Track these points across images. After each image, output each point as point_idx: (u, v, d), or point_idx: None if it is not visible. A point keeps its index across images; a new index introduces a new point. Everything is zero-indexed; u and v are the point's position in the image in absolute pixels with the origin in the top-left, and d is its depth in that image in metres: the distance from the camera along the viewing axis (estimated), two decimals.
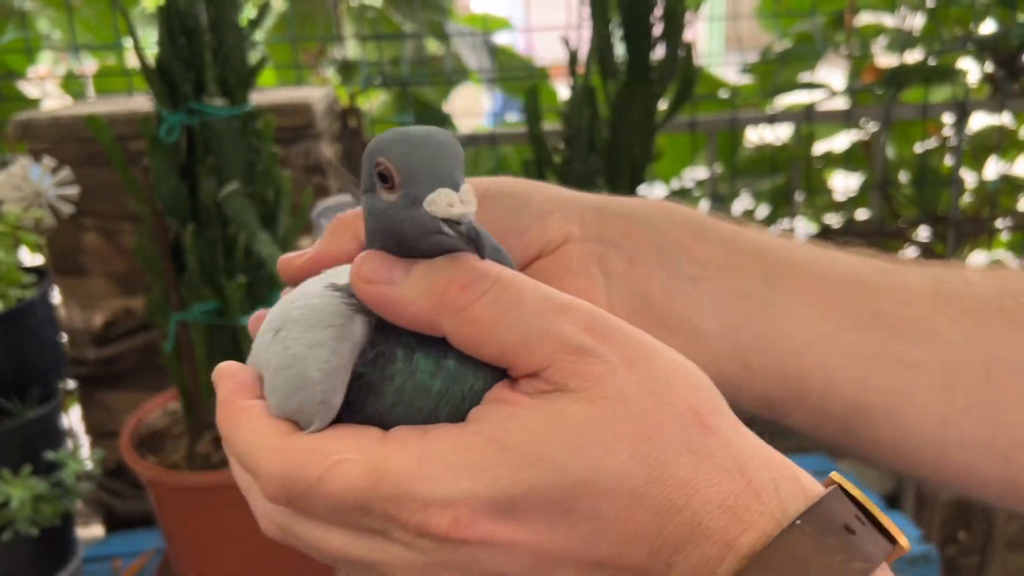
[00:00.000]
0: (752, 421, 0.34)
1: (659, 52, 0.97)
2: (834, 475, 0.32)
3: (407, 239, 0.31)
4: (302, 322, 0.32)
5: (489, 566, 0.30)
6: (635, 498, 0.29)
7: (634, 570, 0.30)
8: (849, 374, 0.40)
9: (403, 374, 0.31)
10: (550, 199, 0.42)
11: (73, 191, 1.04)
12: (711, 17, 1.36)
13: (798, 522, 0.29)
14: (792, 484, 0.30)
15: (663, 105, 1.00)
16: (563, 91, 1.04)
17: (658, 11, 0.95)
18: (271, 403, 0.33)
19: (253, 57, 0.91)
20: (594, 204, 0.42)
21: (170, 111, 0.88)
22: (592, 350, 0.29)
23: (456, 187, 0.30)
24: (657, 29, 0.96)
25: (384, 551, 0.30)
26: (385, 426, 0.31)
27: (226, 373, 0.35)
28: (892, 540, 0.30)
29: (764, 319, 0.40)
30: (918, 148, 1.50)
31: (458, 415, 0.31)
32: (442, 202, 0.29)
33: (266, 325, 0.35)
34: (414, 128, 0.32)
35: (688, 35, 1.31)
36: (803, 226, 1.52)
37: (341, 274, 0.34)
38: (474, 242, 0.29)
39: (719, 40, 2.45)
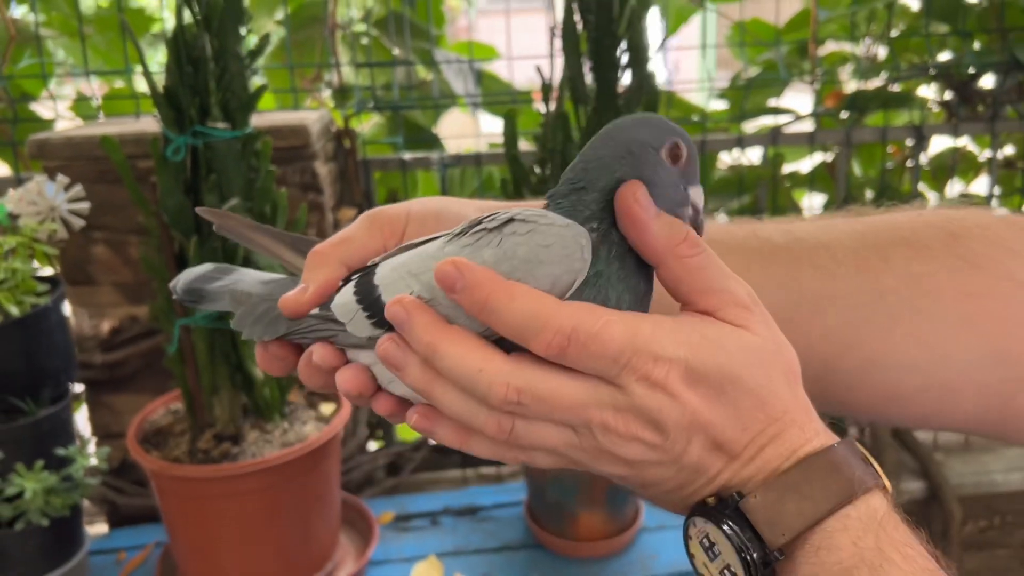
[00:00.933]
0: None
1: (625, 80, 1.06)
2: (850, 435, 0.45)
3: (668, 199, 0.43)
4: (538, 229, 0.43)
5: (663, 415, 0.41)
6: (762, 401, 0.42)
7: (733, 455, 0.42)
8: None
9: (623, 272, 0.43)
10: (477, 212, 0.50)
11: (84, 206, 1.11)
12: (701, 44, 1.44)
13: (837, 445, 0.42)
14: (828, 429, 0.44)
15: None
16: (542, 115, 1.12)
17: (623, 44, 1.03)
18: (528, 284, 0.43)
19: (253, 84, 0.99)
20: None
21: (176, 133, 0.96)
22: (749, 307, 0.42)
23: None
24: (623, 60, 1.05)
25: (600, 394, 0.41)
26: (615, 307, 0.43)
27: (466, 266, 0.42)
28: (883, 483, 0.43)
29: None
30: (880, 169, 1.58)
31: (645, 307, 0.44)
32: (699, 194, 0.44)
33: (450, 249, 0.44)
34: (673, 123, 0.45)
35: (675, 60, 1.39)
36: None
37: None
38: (697, 226, 0.44)
39: (712, 63, 2.54)
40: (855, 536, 0.40)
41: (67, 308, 1.21)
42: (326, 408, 1.12)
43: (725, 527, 0.42)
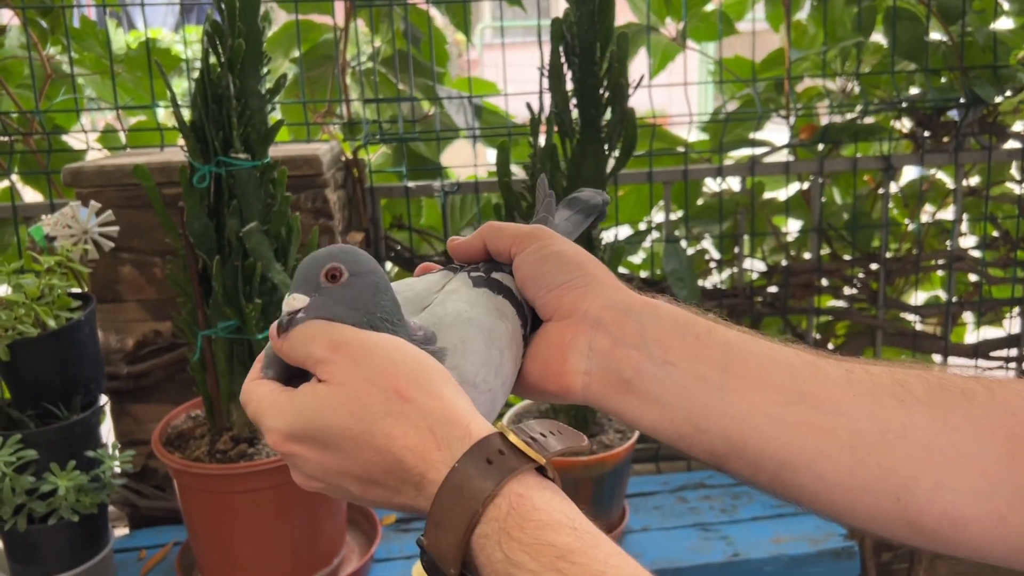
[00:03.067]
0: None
1: (607, 116, 1.17)
2: (499, 424, 0.48)
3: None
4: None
5: (302, 468, 0.51)
6: (356, 442, 0.48)
7: (382, 484, 0.48)
8: (778, 438, 0.54)
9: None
10: (586, 276, 0.58)
11: (114, 230, 1.22)
12: (687, 79, 1.55)
13: (457, 465, 0.45)
14: (462, 438, 0.46)
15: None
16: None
17: (605, 83, 1.14)
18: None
19: (271, 119, 1.10)
20: (610, 294, 0.57)
21: (202, 162, 1.07)
22: (327, 359, 0.49)
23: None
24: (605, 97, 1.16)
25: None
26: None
27: (259, 358, 0.57)
28: (532, 460, 0.46)
29: (715, 396, 0.55)
30: (853, 197, 1.68)
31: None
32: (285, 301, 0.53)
33: None
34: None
35: (652, 98, 1.49)
36: (751, 264, 1.70)
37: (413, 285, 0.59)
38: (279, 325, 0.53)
39: (709, 97, 2.64)
40: (489, 554, 0.43)
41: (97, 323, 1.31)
42: None
43: (424, 562, 0.46)
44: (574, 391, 0.56)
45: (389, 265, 1.67)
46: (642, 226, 1.73)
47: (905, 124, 1.66)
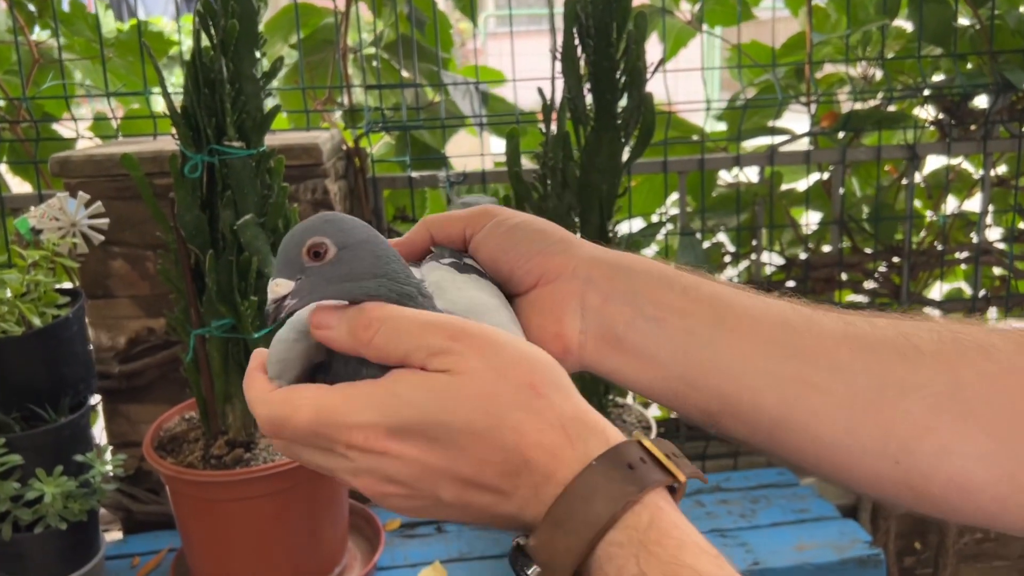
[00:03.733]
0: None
1: (624, 102, 1.10)
2: (636, 433, 0.45)
3: None
4: (287, 326, 0.49)
5: (391, 471, 0.44)
6: (480, 437, 0.43)
7: (491, 488, 0.43)
8: (772, 394, 0.51)
9: (342, 361, 0.47)
10: (562, 241, 0.55)
11: (104, 222, 1.16)
12: (703, 65, 1.49)
13: (593, 463, 0.42)
14: (598, 437, 0.43)
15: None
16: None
17: (621, 67, 1.08)
18: (268, 371, 0.49)
19: (267, 105, 1.04)
20: (592, 252, 0.55)
21: (194, 151, 1.01)
22: (448, 348, 0.44)
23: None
24: (621, 82, 1.09)
25: (334, 462, 0.45)
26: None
27: (256, 355, 0.50)
28: (673, 476, 0.43)
29: (707, 352, 0.52)
30: (876, 187, 1.62)
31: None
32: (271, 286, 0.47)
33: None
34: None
35: (667, 84, 1.43)
36: (769, 258, 1.64)
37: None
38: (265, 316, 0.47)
39: (716, 84, 2.59)
40: (619, 565, 0.40)
41: (87, 320, 1.26)
42: None
43: (521, 571, 0.42)
44: (572, 352, 0.53)
45: None
46: (655, 218, 1.67)
47: (930, 111, 1.59)
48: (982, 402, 0.48)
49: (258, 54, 1.02)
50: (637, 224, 1.63)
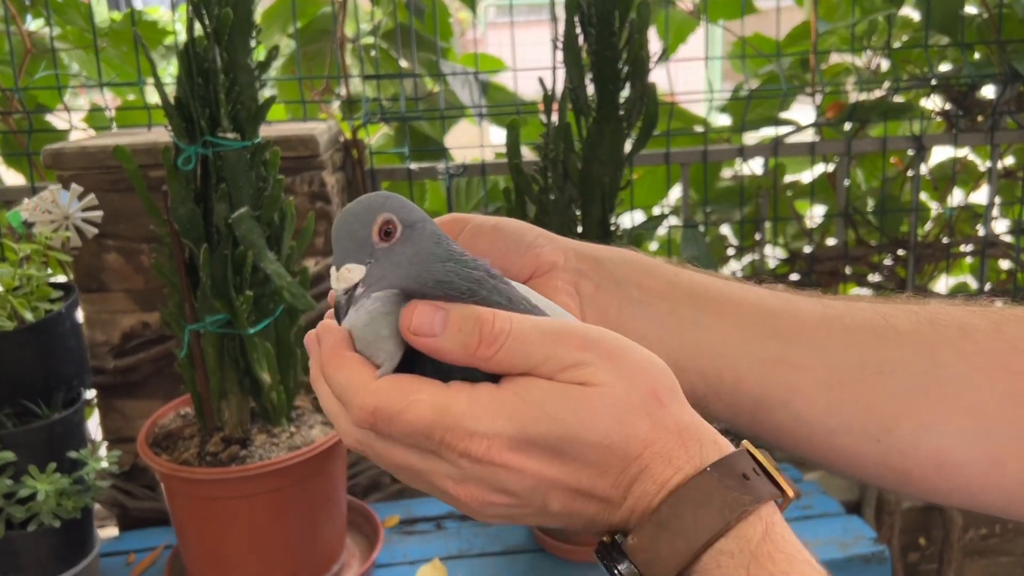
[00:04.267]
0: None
1: (626, 92, 1.08)
2: (744, 443, 0.44)
3: None
4: (373, 299, 0.44)
5: (504, 483, 0.42)
6: (610, 449, 0.42)
7: (601, 498, 0.43)
8: (752, 374, 0.51)
9: None
10: (542, 235, 0.55)
11: (97, 215, 1.14)
12: (705, 57, 1.47)
13: (708, 469, 0.41)
14: (712, 446, 0.43)
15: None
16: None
17: (624, 56, 1.05)
18: (358, 349, 0.44)
19: (262, 96, 1.01)
20: (573, 245, 0.55)
21: (187, 143, 0.98)
22: (582, 360, 0.42)
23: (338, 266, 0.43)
24: (624, 71, 1.07)
25: (434, 465, 0.43)
26: (443, 379, 0.43)
27: (328, 329, 0.46)
28: (782, 490, 0.42)
29: (690, 333, 0.52)
30: (881, 179, 1.60)
31: (489, 378, 0.43)
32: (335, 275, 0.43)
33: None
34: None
35: (670, 74, 1.41)
36: (772, 251, 1.62)
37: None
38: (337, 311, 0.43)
39: (718, 75, 2.57)
40: (728, 574, 0.40)
41: (80, 314, 1.24)
42: None
43: (615, 570, 0.41)
44: None
45: None
46: (657, 210, 1.64)
47: (937, 102, 1.57)
48: (960, 381, 0.49)
49: (253, 43, 1.00)
50: (639, 217, 1.61)
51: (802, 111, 1.66)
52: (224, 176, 0.98)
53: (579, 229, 1.12)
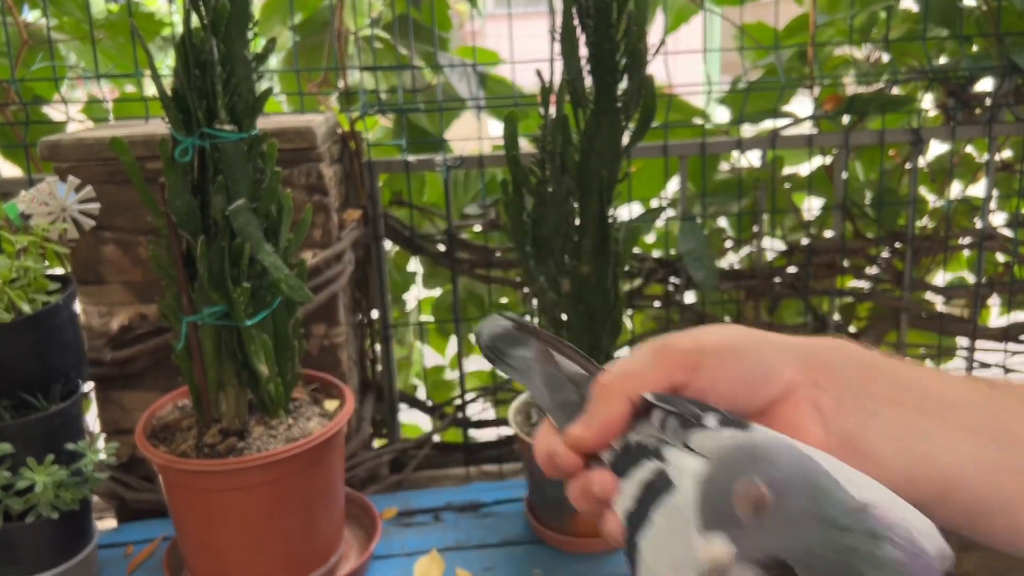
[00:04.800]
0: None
1: (624, 84, 1.08)
2: None
3: None
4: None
5: None
6: None
7: None
8: (976, 480, 0.49)
9: None
10: (775, 351, 0.50)
11: (95, 207, 1.14)
12: (704, 48, 1.46)
13: None
14: None
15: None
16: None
17: (622, 48, 1.05)
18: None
19: (259, 88, 1.01)
20: (801, 351, 0.51)
21: (184, 135, 0.98)
22: None
23: None
24: (622, 63, 1.07)
25: None
26: None
27: None
28: None
29: (920, 443, 0.50)
30: (879, 172, 1.60)
31: None
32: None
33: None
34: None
35: (668, 66, 1.41)
36: (770, 244, 1.62)
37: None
38: None
39: (717, 66, 2.56)
40: None
41: (78, 307, 1.24)
42: (330, 405, 1.14)
43: None
44: None
45: (388, 245, 1.59)
46: (655, 203, 1.64)
47: (935, 95, 1.57)
48: None
49: (250, 35, 0.99)
50: (637, 209, 1.61)
51: (800, 103, 1.66)
52: (221, 168, 0.98)
53: (576, 222, 1.12)
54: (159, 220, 1.02)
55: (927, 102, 1.56)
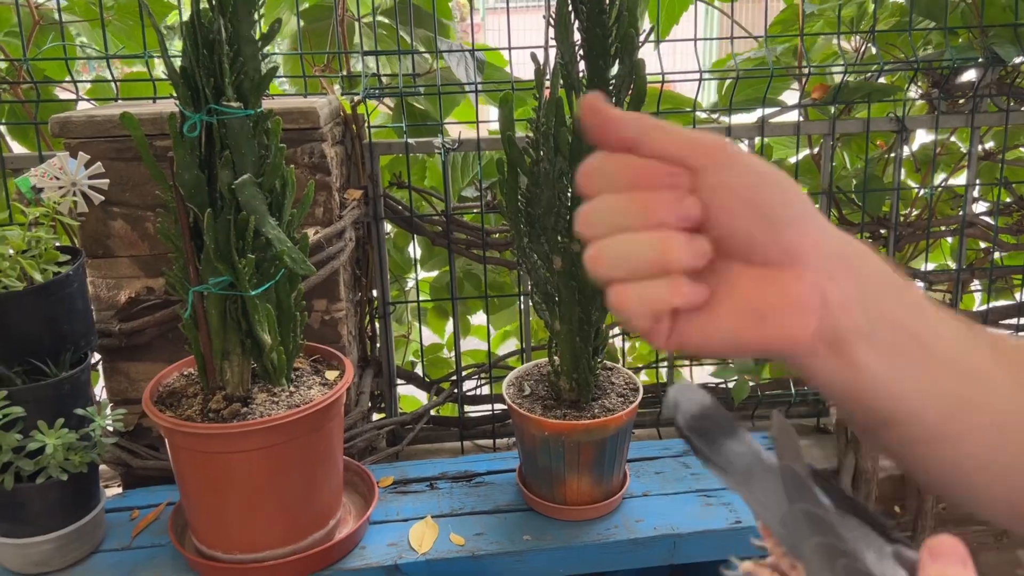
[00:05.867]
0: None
1: (616, 69, 1.12)
2: None
3: None
4: None
5: None
6: None
7: None
8: (935, 409, 0.49)
9: None
10: (805, 213, 0.46)
11: (104, 182, 1.18)
12: (694, 37, 1.51)
13: None
14: None
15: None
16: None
17: (614, 33, 1.09)
18: None
19: (265, 67, 1.05)
20: (829, 235, 0.47)
21: (192, 111, 1.02)
22: None
23: None
24: (613, 49, 1.11)
25: None
26: None
27: None
28: None
29: (907, 377, 0.48)
30: (864, 160, 1.64)
31: None
32: None
33: None
34: None
35: (661, 56, 1.44)
36: None
37: None
38: None
39: (712, 55, 2.59)
40: None
41: (87, 278, 1.28)
42: (330, 374, 1.19)
43: None
44: (800, 347, 0.47)
45: (388, 227, 1.63)
46: None
47: (920, 85, 1.61)
48: None
49: (256, 16, 1.03)
50: None
51: (788, 93, 1.70)
52: (228, 144, 1.02)
53: (569, 201, 1.17)
54: (167, 193, 1.06)
55: (912, 92, 1.60)
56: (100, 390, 1.42)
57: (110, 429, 1.19)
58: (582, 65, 1.13)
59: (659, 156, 0.44)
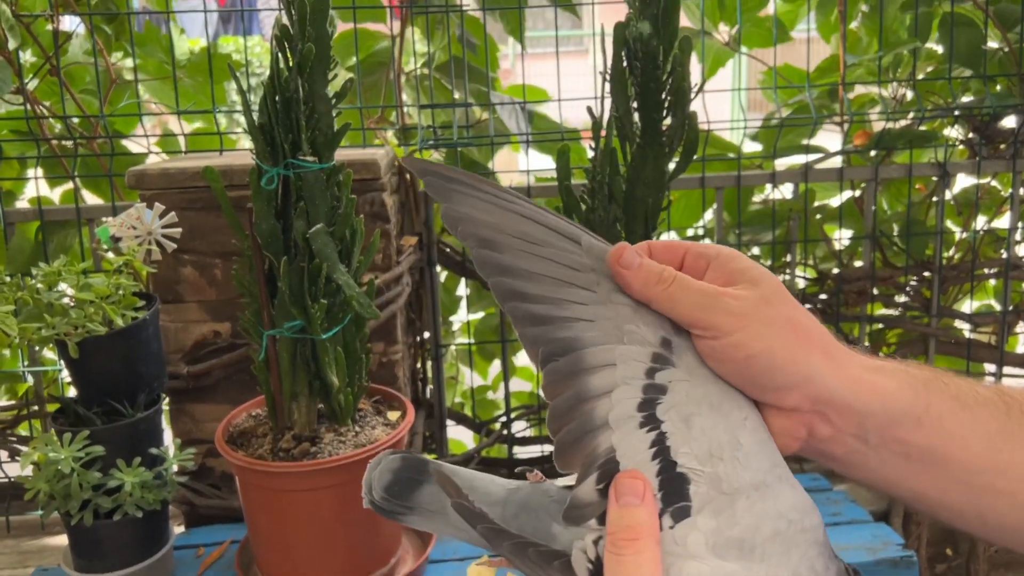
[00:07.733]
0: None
1: (669, 120, 1.17)
2: None
3: None
4: None
5: None
6: None
7: None
8: (958, 496, 0.53)
9: None
10: (798, 374, 0.51)
11: (177, 231, 1.24)
12: (733, 86, 1.56)
13: None
14: None
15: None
16: (590, 151, 1.23)
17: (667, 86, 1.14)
18: None
19: (337, 123, 1.11)
20: (827, 389, 0.52)
21: (270, 165, 1.08)
22: None
23: None
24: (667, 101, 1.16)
25: None
26: None
27: None
28: None
29: (915, 469, 0.53)
30: (907, 204, 1.67)
31: None
32: None
33: None
34: None
35: (705, 103, 1.50)
36: (802, 273, 1.69)
37: None
38: None
39: (743, 104, 2.66)
40: None
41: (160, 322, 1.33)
42: (392, 414, 1.23)
43: None
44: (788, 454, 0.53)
45: (438, 268, 1.68)
46: (691, 231, 1.73)
47: (960, 131, 1.65)
48: None
49: (330, 75, 1.09)
50: (675, 237, 1.70)
51: (828, 139, 1.74)
52: (303, 195, 1.08)
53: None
54: (244, 242, 1.12)
55: (953, 132, 1.64)
56: (166, 430, 1.47)
57: (181, 464, 1.23)
58: (635, 116, 1.18)
59: (673, 318, 0.52)
